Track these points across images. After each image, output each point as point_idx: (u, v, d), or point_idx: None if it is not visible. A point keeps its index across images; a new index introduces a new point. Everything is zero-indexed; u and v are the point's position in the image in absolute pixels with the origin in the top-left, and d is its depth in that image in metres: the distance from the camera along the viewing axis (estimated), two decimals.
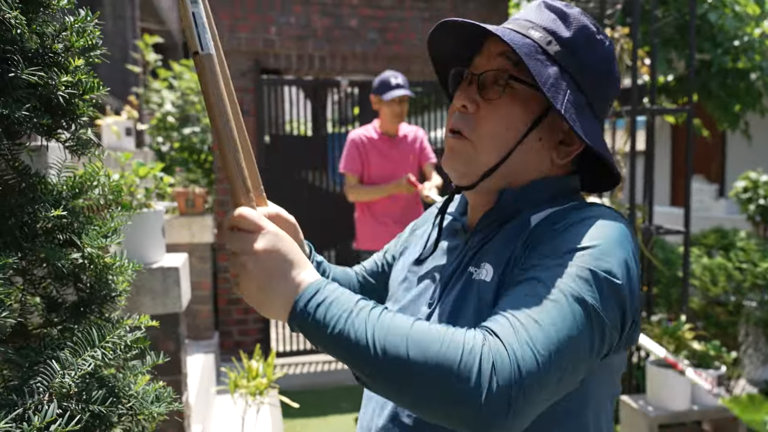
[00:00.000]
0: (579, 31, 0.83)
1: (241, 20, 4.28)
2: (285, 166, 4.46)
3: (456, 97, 0.86)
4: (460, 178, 0.87)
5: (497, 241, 0.83)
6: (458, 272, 0.86)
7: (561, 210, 0.81)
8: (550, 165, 0.86)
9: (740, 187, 4.95)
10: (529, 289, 0.70)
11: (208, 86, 0.73)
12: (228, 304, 4.42)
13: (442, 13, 4.63)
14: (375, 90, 3.26)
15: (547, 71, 0.79)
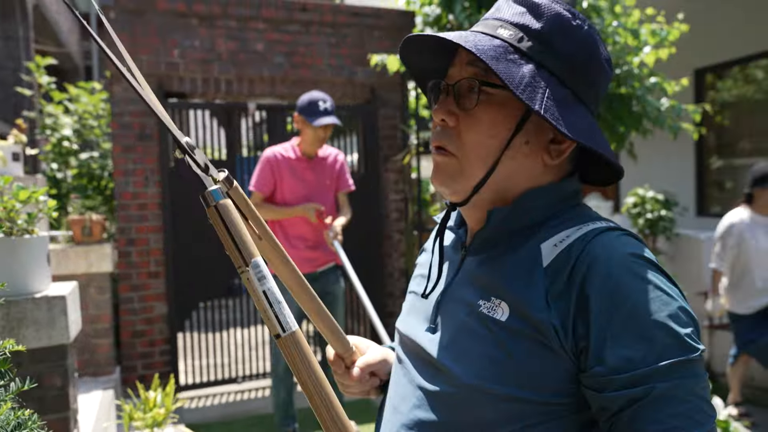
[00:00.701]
0: (551, 20, 0.77)
1: (142, 43, 4.17)
2: (191, 190, 4.35)
3: (434, 112, 0.81)
4: (450, 194, 0.83)
5: (505, 272, 0.78)
6: (457, 294, 0.83)
7: (581, 237, 0.74)
8: (542, 168, 0.80)
9: (630, 203, 5.33)
10: (671, 406, 0.66)
11: (297, 364, 0.67)
12: (132, 337, 4.21)
13: (348, 39, 4.72)
14: (301, 110, 3.21)
15: (521, 71, 0.74)
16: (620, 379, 0.67)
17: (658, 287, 0.70)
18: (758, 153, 6.02)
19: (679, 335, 0.68)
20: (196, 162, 0.71)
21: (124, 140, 4.18)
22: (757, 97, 5.94)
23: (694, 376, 0.67)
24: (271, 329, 0.68)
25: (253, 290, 0.67)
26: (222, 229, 0.69)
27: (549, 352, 0.72)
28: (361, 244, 4.80)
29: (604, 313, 0.69)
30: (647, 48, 3.98)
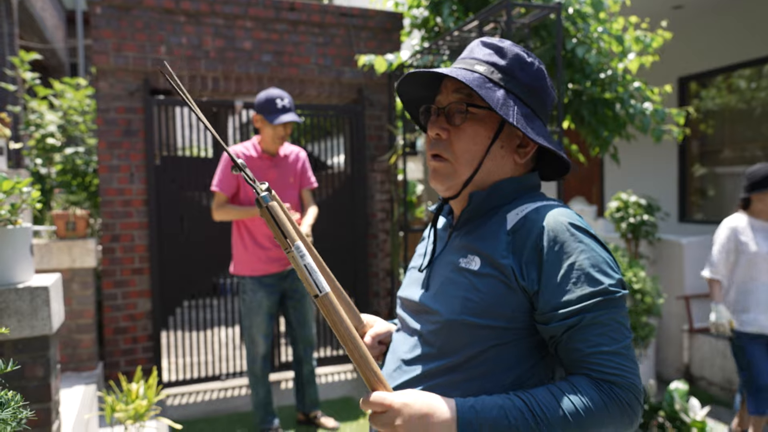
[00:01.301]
0: (513, 59, 1.07)
1: (128, 39, 4.16)
2: (176, 188, 4.34)
3: (429, 129, 1.09)
4: (445, 191, 1.10)
5: (480, 235, 1.05)
6: (444, 260, 1.09)
7: (535, 209, 1.02)
8: (513, 165, 1.09)
9: (613, 207, 5.39)
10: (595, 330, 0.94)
11: (335, 321, 0.92)
12: (115, 333, 4.18)
13: (336, 39, 4.74)
14: (260, 109, 3.21)
15: (496, 95, 1.02)
16: (560, 314, 0.95)
17: (591, 247, 0.98)
18: (740, 161, 6.12)
19: (602, 283, 0.95)
20: (250, 177, 0.94)
21: (110, 136, 4.16)
22: (739, 106, 6.04)
23: (615, 308, 0.95)
24: (311, 291, 0.92)
25: (297, 265, 0.92)
26: (272, 223, 0.93)
27: (508, 288, 0.98)
28: (347, 243, 4.81)
29: (550, 266, 0.96)
30: (631, 54, 4.04)
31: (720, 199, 6.36)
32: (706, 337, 4.53)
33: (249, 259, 3.28)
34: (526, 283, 0.97)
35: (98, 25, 4.10)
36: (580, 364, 0.95)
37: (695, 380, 4.60)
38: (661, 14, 5.60)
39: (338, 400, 4.12)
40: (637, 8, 5.18)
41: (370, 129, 4.88)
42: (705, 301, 4.76)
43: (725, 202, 6.29)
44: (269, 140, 3.25)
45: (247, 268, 3.29)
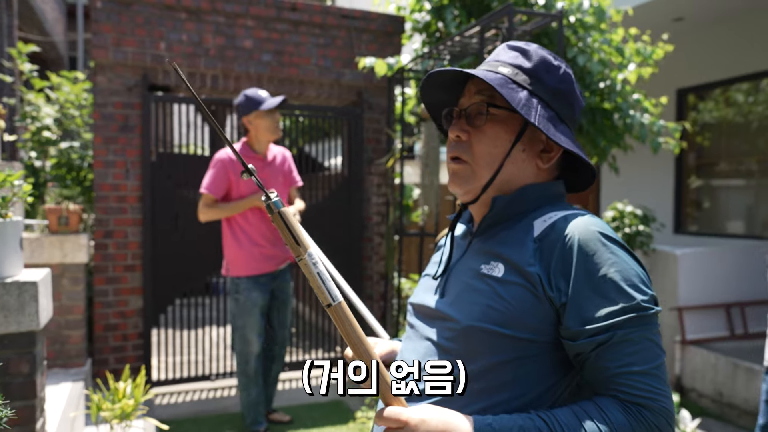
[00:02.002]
0: (539, 61, 1.03)
1: (128, 34, 4.13)
2: (172, 185, 4.31)
3: (450, 131, 1.05)
4: (464, 195, 1.05)
5: (504, 241, 1.00)
6: (464, 266, 1.04)
7: (563, 217, 0.97)
8: (536, 171, 1.04)
9: (609, 217, 5.39)
10: (626, 348, 0.88)
11: (347, 331, 0.87)
12: (105, 330, 4.15)
13: (337, 41, 4.73)
14: (246, 108, 3.20)
15: (519, 96, 0.98)
16: (589, 330, 0.89)
17: (623, 260, 0.92)
18: (736, 175, 6.13)
19: (635, 298, 0.90)
20: (259, 181, 0.89)
21: (106, 131, 4.13)
22: (737, 119, 6.06)
23: (647, 325, 0.90)
24: (323, 300, 0.88)
25: (309, 272, 0.87)
26: (284, 229, 0.88)
27: (534, 298, 0.93)
28: (342, 246, 4.79)
29: (579, 278, 0.91)
30: (631, 66, 4.04)
31: (715, 212, 6.37)
32: (698, 349, 4.53)
33: (245, 259, 3.27)
34: (553, 294, 0.92)
35: (98, 19, 4.07)
36: (608, 385, 0.89)
37: (686, 392, 4.59)
38: (661, 26, 5.61)
39: (328, 403, 4.10)
40: (638, 19, 5.19)
41: (369, 132, 4.86)
42: (698, 312, 4.76)
43: (720, 215, 6.30)
44: (267, 132, 3.24)
45: (243, 268, 3.27)
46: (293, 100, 4.87)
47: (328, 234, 4.75)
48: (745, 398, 4.10)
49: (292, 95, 4.71)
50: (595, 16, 3.93)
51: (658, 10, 5.34)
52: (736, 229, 6.09)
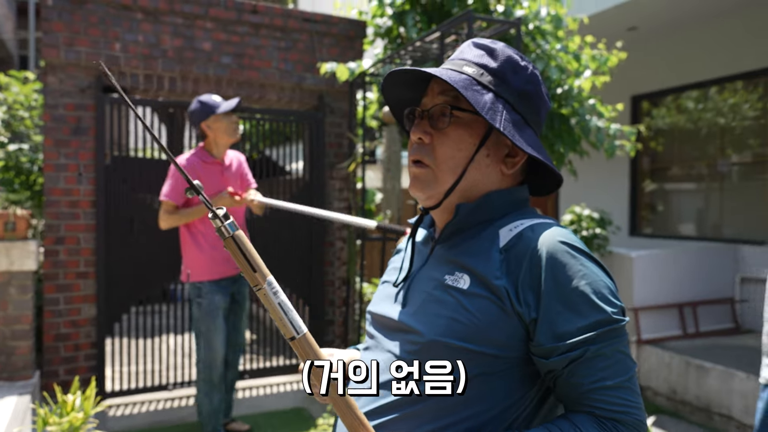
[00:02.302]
0: (505, 61, 0.98)
1: (81, 34, 4.01)
2: (127, 189, 4.19)
3: (412, 132, 1.00)
4: (426, 200, 1.01)
5: (468, 251, 0.96)
6: (426, 275, 0.99)
7: (530, 227, 0.93)
8: (500, 176, 1.00)
9: (567, 221, 5.50)
10: (599, 363, 0.87)
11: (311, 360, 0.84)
12: (55, 340, 4.00)
13: (299, 44, 4.69)
14: (204, 112, 3.15)
15: (483, 98, 0.94)
16: (562, 346, 0.87)
17: (592, 271, 0.90)
18: (688, 179, 6.34)
19: (606, 311, 0.87)
20: (207, 201, 0.83)
21: (57, 134, 3.99)
22: (688, 126, 6.26)
23: (617, 338, 0.88)
24: (286, 333, 0.83)
25: (270, 303, 0.82)
26: (239, 255, 0.82)
27: (501, 312, 0.89)
28: (304, 251, 4.75)
29: (549, 292, 0.88)
30: (587, 72, 4.13)
31: (668, 215, 6.57)
32: (654, 348, 4.65)
33: (206, 263, 3.20)
34: (522, 309, 0.88)
35: (49, 17, 3.94)
36: (582, 401, 0.88)
37: (642, 390, 4.71)
38: (616, 35, 5.76)
39: (290, 410, 4.04)
40: (593, 28, 5.31)
41: (330, 136, 4.83)
42: (653, 313, 4.89)
43: (673, 218, 6.50)
44: (225, 135, 3.19)
45: (206, 272, 3.20)
46: (254, 104, 4.81)
47: (289, 239, 4.70)
48: (697, 395, 4.23)
49: (252, 99, 4.64)
50: (552, 23, 4.00)
51: (613, 19, 5.48)
52: (688, 232, 6.29)
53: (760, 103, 5.57)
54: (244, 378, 4.63)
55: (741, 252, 5.41)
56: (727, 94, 5.86)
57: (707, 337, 4.96)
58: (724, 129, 5.88)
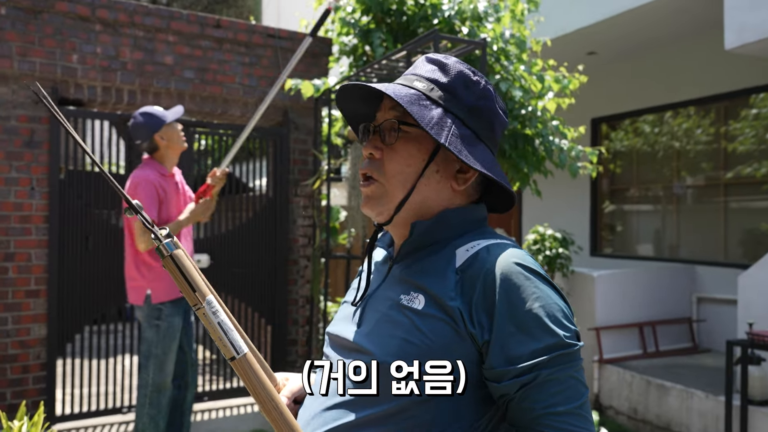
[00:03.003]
0: (456, 76, 0.97)
1: (36, 44, 3.88)
2: (82, 204, 4.05)
3: (363, 148, 1.00)
4: (377, 216, 0.99)
5: (424, 271, 0.94)
6: (382, 295, 0.97)
7: (486, 247, 0.92)
8: (451, 192, 0.98)
9: (531, 240, 5.56)
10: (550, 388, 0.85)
11: (254, 385, 0.82)
12: (2, 362, 3.80)
13: (263, 60, 4.65)
14: (155, 124, 3.05)
15: (431, 113, 0.93)
16: (514, 370, 0.85)
17: (546, 294, 0.89)
18: (645, 200, 6.51)
19: (559, 335, 0.86)
20: (146, 220, 0.82)
21: (8, 146, 3.84)
22: (645, 148, 6.44)
23: (570, 362, 0.86)
24: (226, 354, 0.81)
25: (209, 323, 0.81)
26: (178, 274, 0.82)
27: (455, 334, 0.87)
28: (267, 268, 4.66)
29: (502, 314, 0.86)
30: (550, 94, 4.21)
31: (627, 235, 6.71)
32: (615, 368, 4.70)
33: (167, 282, 3.08)
34: (475, 331, 0.87)
35: (2, 26, 3.81)
36: (533, 426, 0.86)
37: (604, 409, 4.74)
38: (576, 59, 5.91)
39: None
40: (555, 51, 5.44)
41: (295, 153, 4.79)
42: (614, 332, 4.95)
43: (632, 238, 6.65)
44: (177, 144, 3.11)
45: (165, 293, 3.08)
46: (216, 119, 4.73)
47: (253, 256, 4.61)
48: (657, 414, 4.28)
49: (215, 114, 4.57)
50: (516, 45, 4.07)
51: (574, 43, 5.63)
52: (646, 252, 6.43)
53: (712, 128, 5.77)
54: (203, 400, 4.48)
55: (697, 272, 5.56)
56: (681, 119, 6.06)
57: (666, 356, 5.05)
58: (680, 152, 6.07)
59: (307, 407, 0.98)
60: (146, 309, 3.08)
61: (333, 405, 0.92)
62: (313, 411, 0.95)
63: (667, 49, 5.92)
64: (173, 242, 0.82)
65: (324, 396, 0.95)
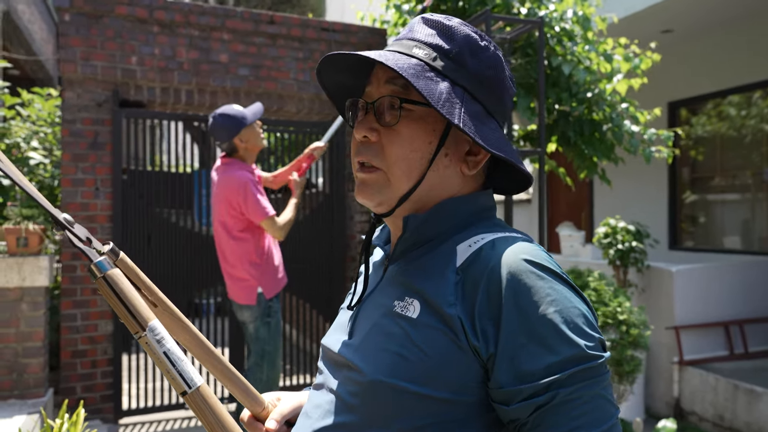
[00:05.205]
0: (462, 41, 0.82)
1: (98, 48, 3.99)
2: (143, 204, 4.14)
3: (356, 130, 0.84)
4: (376, 206, 0.85)
5: (421, 270, 0.80)
6: (375, 300, 0.85)
7: (491, 242, 0.77)
8: (461, 178, 0.85)
9: (601, 233, 5.22)
10: (572, 409, 0.69)
11: (209, 422, 0.73)
12: (72, 357, 3.94)
13: (316, 54, 4.60)
14: (235, 127, 2.95)
15: (438, 88, 0.78)
16: (526, 390, 0.69)
17: (563, 296, 0.73)
18: (731, 189, 5.99)
19: (579, 346, 0.70)
20: (76, 236, 0.74)
21: (75, 148, 3.97)
22: (730, 133, 5.93)
23: (595, 377, 0.70)
24: (176, 388, 0.72)
25: (153, 353, 0.71)
26: (113, 298, 0.72)
27: (456, 348, 0.73)
28: (324, 265, 4.61)
29: (512, 322, 0.71)
30: (619, 75, 3.91)
31: (711, 227, 6.21)
32: (697, 370, 4.33)
33: (273, 277, 3.06)
34: (479, 343, 0.72)
35: (66, 32, 3.93)
36: None
37: (686, 415, 4.38)
38: (650, 38, 5.50)
39: None
40: (625, 31, 5.08)
41: (349, 147, 4.70)
42: (696, 332, 4.57)
43: (716, 230, 6.14)
44: (256, 144, 3.05)
45: (273, 288, 3.06)
46: (272, 116, 4.73)
47: (310, 253, 4.57)
48: (747, 422, 3.90)
49: (270, 110, 4.56)
50: (579, 24, 3.80)
51: (646, 21, 5.23)
52: (732, 245, 5.92)
53: None
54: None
55: None
56: None
57: (757, 358, 4.61)
58: None
59: (298, 428, 0.86)
60: (259, 308, 3.02)
61: (320, 429, 0.80)
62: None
63: (754, 22, 5.40)
64: (107, 261, 0.72)
65: (312, 417, 0.83)
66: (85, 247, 0.75)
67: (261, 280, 3.03)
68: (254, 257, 3.01)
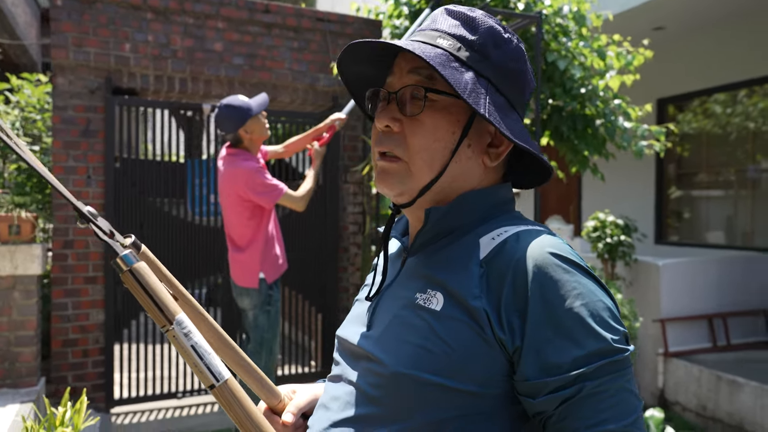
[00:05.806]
0: (486, 33, 0.82)
1: (90, 34, 3.94)
2: (136, 192, 4.11)
3: (377, 119, 0.84)
4: (397, 196, 0.85)
5: (444, 263, 0.81)
6: (395, 292, 0.85)
7: (515, 234, 0.78)
8: (483, 170, 0.85)
9: (590, 227, 5.30)
10: (598, 402, 0.70)
11: (238, 415, 0.73)
12: (63, 346, 3.92)
13: (312, 44, 4.58)
14: (241, 118, 2.92)
15: (464, 78, 0.78)
16: (553, 382, 0.70)
17: (589, 290, 0.74)
18: (716, 185, 6.09)
19: (606, 339, 0.71)
20: (101, 229, 0.73)
21: (66, 135, 3.92)
22: (715, 130, 6.03)
23: (620, 370, 0.71)
24: (204, 381, 0.71)
25: (181, 346, 0.71)
26: (140, 291, 0.71)
27: (481, 340, 0.73)
28: (317, 256, 4.62)
29: (538, 315, 0.72)
30: (612, 72, 3.96)
31: (696, 222, 6.32)
32: (681, 362, 4.43)
33: (273, 263, 3.06)
34: (505, 336, 0.72)
35: (58, 17, 3.88)
36: None
37: (670, 405, 4.48)
38: (641, 35, 5.56)
39: None
40: (618, 27, 5.13)
41: (345, 139, 4.71)
42: (681, 324, 4.67)
43: (701, 225, 6.25)
44: (261, 135, 3.02)
45: (273, 273, 3.06)
46: None
47: (303, 243, 4.58)
48: (729, 412, 4.00)
49: None
50: (575, 20, 3.84)
51: (639, 18, 5.29)
52: (717, 240, 6.04)
53: None
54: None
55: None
56: (757, 98, 5.62)
57: (739, 350, 4.72)
58: (755, 133, 5.64)
59: (316, 420, 0.86)
60: (259, 295, 3.01)
61: (340, 420, 0.81)
62: (321, 426, 0.83)
63: (742, 22, 5.49)
64: (132, 254, 0.71)
65: (332, 409, 0.83)
66: (110, 240, 0.74)
67: (263, 265, 3.05)
68: (260, 243, 3.03)
